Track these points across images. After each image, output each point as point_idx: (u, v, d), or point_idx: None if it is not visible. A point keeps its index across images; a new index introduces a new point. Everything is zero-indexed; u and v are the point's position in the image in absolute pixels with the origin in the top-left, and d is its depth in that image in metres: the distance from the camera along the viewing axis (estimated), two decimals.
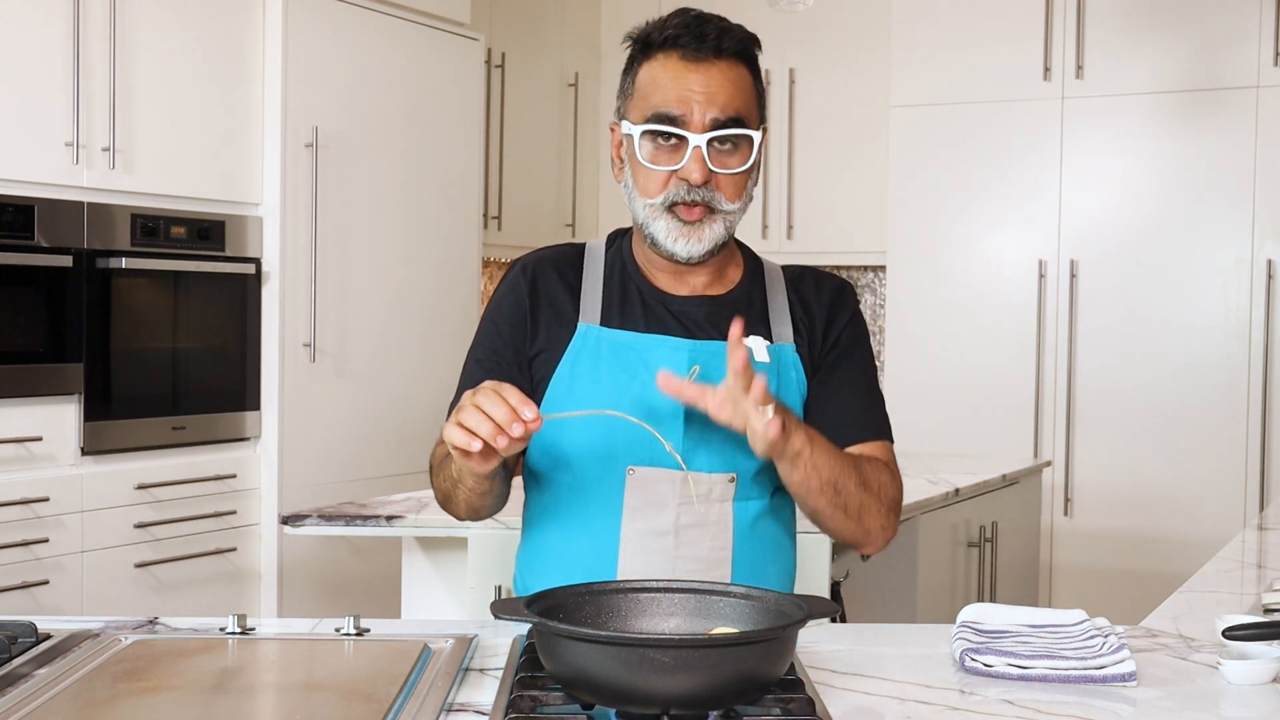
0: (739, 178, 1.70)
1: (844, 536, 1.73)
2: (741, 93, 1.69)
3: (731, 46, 1.69)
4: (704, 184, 1.66)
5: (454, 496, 1.72)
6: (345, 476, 4.25)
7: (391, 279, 4.43)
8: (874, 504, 1.70)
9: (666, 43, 1.69)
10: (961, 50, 4.94)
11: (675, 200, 1.68)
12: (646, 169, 1.68)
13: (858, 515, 1.69)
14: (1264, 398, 4.55)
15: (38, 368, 3.46)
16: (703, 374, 1.68)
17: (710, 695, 1.28)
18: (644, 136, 1.68)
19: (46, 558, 3.44)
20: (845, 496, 1.67)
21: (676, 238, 1.69)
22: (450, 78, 4.66)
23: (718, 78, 1.67)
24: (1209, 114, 4.61)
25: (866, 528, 1.71)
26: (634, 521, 1.70)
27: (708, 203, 1.68)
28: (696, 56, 1.67)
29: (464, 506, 1.73)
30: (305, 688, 1.50)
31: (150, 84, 3.70)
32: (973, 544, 3.68)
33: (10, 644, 1.52)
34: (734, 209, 1.70)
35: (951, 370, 4.98)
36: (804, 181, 5.49)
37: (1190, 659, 1.64)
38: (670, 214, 1.68)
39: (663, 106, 1.67)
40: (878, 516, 1.71)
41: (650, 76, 1.70)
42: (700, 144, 1.65)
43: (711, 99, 1.66)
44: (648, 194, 1.69)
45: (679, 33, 1.68)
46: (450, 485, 1.71)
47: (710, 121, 1.66)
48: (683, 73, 1.67)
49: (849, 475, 1.67)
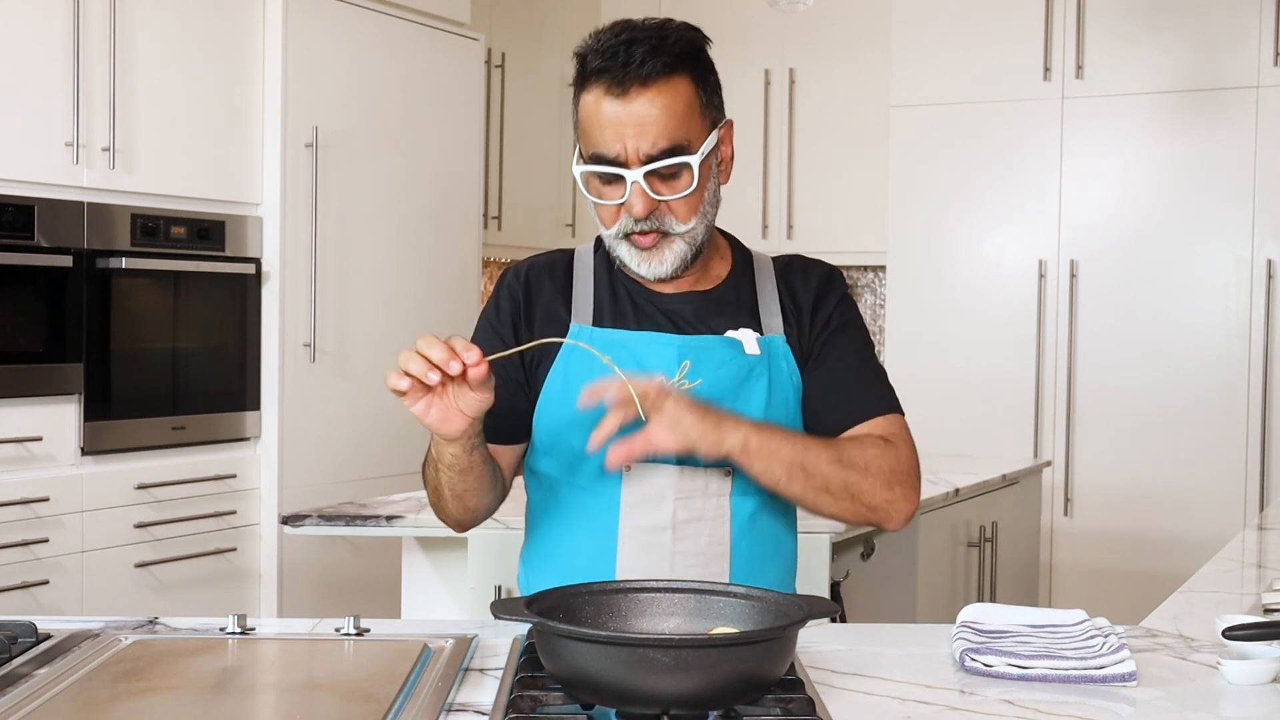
0: (688, 200, 1.68)
1: (850, 519, 1.70)
2: (675, 116, 1.64)
3: (657, 70, 1.63)
4: (650, 214, 1.66)
5: (440, 488, 1.70)
6: (345, 476, 4.25)
7: (391, 279, 4.43)
8: (864, 480, 1.66)
9: (593, 75, 1.66)
10: (961, 50, 4.94)
11: (627, 231, 1.68)
12: (598, 205, 1.71)
13: (848, 494, 1.65)
14: (1264, 398, 4.55)
15: (38, 368, 3.46)
16: (694, 368, 1.70)
17: (710, 695, 1.28)
18: (586, 177, 1.70)
19: (46, 558, 3.45)
20: (821, 477, 1.63)
21: (639, 262, 1.70)
22: (450, 78, 4.66)
23: (646, 108, 1.63)
24: (1209, 114, 4.61)
25: (870, 504, 1.67)
26: (631, 518, 1.71)
27: (659, 229, 1.68)
28: (621, 90, 1.63)
29: (451, 498, 1.70)
30: (305, 688, 1.50)
31: (150, 84, 3.70)
32: (973, 544, 3.68)
33: (10, 644, 1.52)
34: (689, 228, 1.69)
35: (951, 370, 4.98)
36: (804, 181, 5.49)
37: (1190, 659, 1.64)
38: (628, 241, 1.70)
39: (598, 146, 1.66)
40: (879, 490, 1.67)
41: (585, 113, 1.68)
42: (638, 179, 1.64)
43: (642, 132, 1.63)
44: (605, 224, 1.71)
45: (605, 64, 1.64)
46: (434, 473, 1.69)
47: (644, 156, 1.64)
48: (611, 108, 1.64)
49: (818, 455, 1.64)
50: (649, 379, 1.59)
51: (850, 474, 1.65)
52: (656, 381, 1.58)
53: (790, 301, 1.79)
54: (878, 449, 1.69)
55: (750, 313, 1.77)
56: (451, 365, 1.46)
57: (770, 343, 1.75)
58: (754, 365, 1.72)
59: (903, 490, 1.69)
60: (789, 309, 1.78)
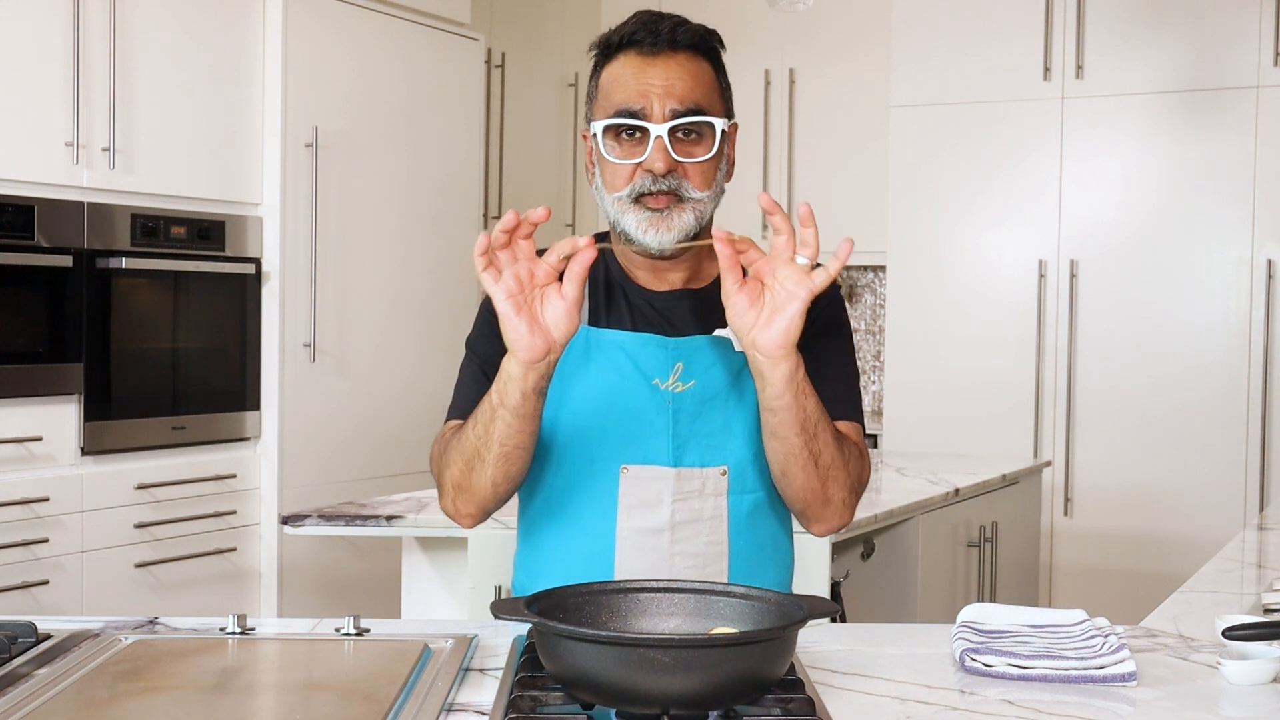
0: (706, 166, 1.70)
1: (806, 498, 1.68)
2: (701, 84, 1.71)
3: (686, 39, 1.71)
4: (669, 173, 1.67)
5: (484, 449, 1.63)
6: (345, 476, 4.26)
7: (391, 279, 4.43)
8: (842, 472, 1.67)
9: (624, 43, 1.72)
10: (961, 50, 4.94)
11: (642, 191, 1.68)
12: (612, 164, 1.70)
13: (826, 474, 1.65)
14: (1264, 398, 4.54)
15: (38, 368, 3.46)
16: (687, 369, 1.71)
17: (710, 695, 1.28)
18: (607, 132, 1.70)
19: (46, 558, 3.45)
20: (822, 445, 1.63)
21: (646, 229, 1.69)
22: (450, 78, 4.66)
23: (675, 69, 1.69)
24: (1209, 114, 4.61)
25: (829, 495, 1.67)
26: (629, 520, 1.71)
27: (675, 191, 1.68)
28: (652, 51, 1.70)
29: (497, 457, 1.63)
30: (305, 688, 1.50)
31: (150, 84, 3.71)
32: (973, 544, 3.68)
33: (10, 644, 1.52)
34: (702, 197, 1.70)
35: (952, 370, 4.98)
36: (804, 181, 5.49)
37: (1190, 659, 1.64)
38: (638, 205, 1.69)
39: (623, 102, 1.68)
40: (842, 487, 1.67)
41: (611, 77, 1.72)
42: (662, 134, 1.66)
43: (670, 90, 1.68)
44: (615, 189, 1.70)
45: (634, 29, 1.71)
46: (480, 431, 1.63)
47: (670, 112, 1.67)
48: (640, 68, 1.70)
49: (827, 428, 1.64)
50: None
51: (838, 459, 1.66)
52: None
53: None
54: (856, 455, 1.71)
55: None
56: (536, 213, 1.51)
57: None
58: (745, 361, 1.72)
59: (855, 498, 1.72)
60: None
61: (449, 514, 1.73)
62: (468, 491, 1.68)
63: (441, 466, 1.72)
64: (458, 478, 1.68)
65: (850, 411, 1.78)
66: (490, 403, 1.62)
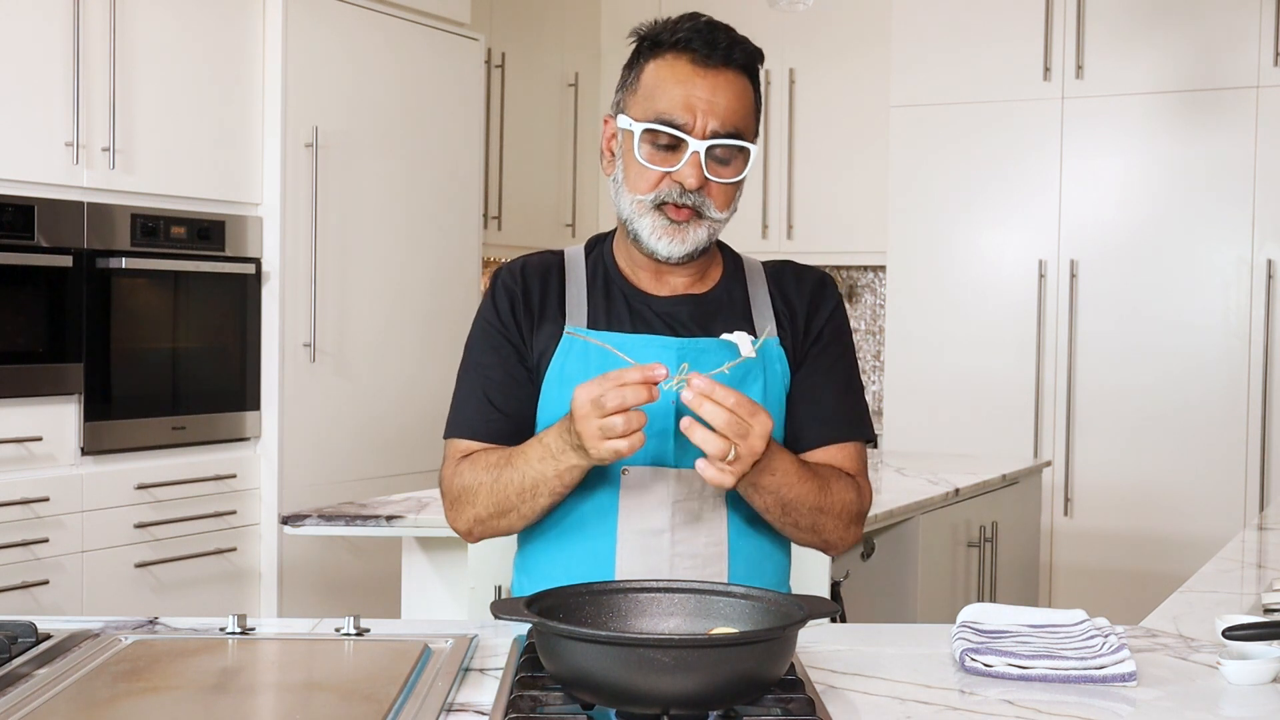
0: (730, 188, 1.71)
1: (802, 543, 1.77)
2: (744, 105, 1.71)
3: (740, 58, 1.70)
4: (697, 190, 1.67)
5: (521, 505, 1.67)
6: (345, 476, 4.26)
7: (391, 279, 4.43)
8: (830, 521, 1.72)
9: (678, 44, 1.69)
10: (961, 50, 4.94)
11: (665, 200, 1.68)
12: (641, 166, 1.69)
13: (810, 530, 1.72)
14: (1264, 398, 4.54)
15: (38, 368, 3.46)
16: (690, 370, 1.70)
17: (710, 695, 1.28)
18: (644, 135, 1.68)
19: (46, 558, 3.45)
20: (797, 517, 1.69)
21: (660, 236, 1.69)
22: (450, 78, 4.66)
23: (724, 87, 1.68)
24: (1209, 114, 4.61)
25: (824, 539, 1.75)
26: (630, 522, 1.71)
27: (697, 208, 1.69)
28: (706, 63, 1.68)
29: (529, 513, 1.69)
30: (305, 688, 1.50)
31: (150, 84, 3.71)
32: (973, 544, 3.68)
33: (10, 644, 1.52)
34: (721, 218, 1.71)
35: (951, 370, 4.98)
36: (804, 181, 5.49)
37: (1190, 659, 1.64)
38: (658, 212, 1.69)
39: (667, 109, 1.67)
40: (834, 530, 1.73)
41: (657, 75, 1.70)
42: (700, 150, 1.66)
43: (715, 108, 1.67)
44: (637, 190, 1.70)
45: (691, 36, 1.69)
46: (519, 502, 1.67)
47: (711, 130, 1.67)
48: (691, 77, 1.68)
49: (807, 497, 1.68)
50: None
51: (822, 517, 1.71)
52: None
53: (783, 305, 1.80)
54: (852, 493, 1.74)
55: (744, 316, 1.78)
56: (658, 371, 1.49)
57: (764, 344, 1.75)
58: (750, 367, 1.72)
59: (855, 528, 1.77)
60: (782, 312, 1.79)
61: (458, 533, 1.77)
62: (489, 528, 1.74)
63: (461, 499, 1.73)
64: (483, 516, 1.72)
65: (851, 431, 1.78)
66: (540, 476, 1.64)
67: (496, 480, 1.68)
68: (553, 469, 1.62)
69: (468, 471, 1.71)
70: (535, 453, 1.64)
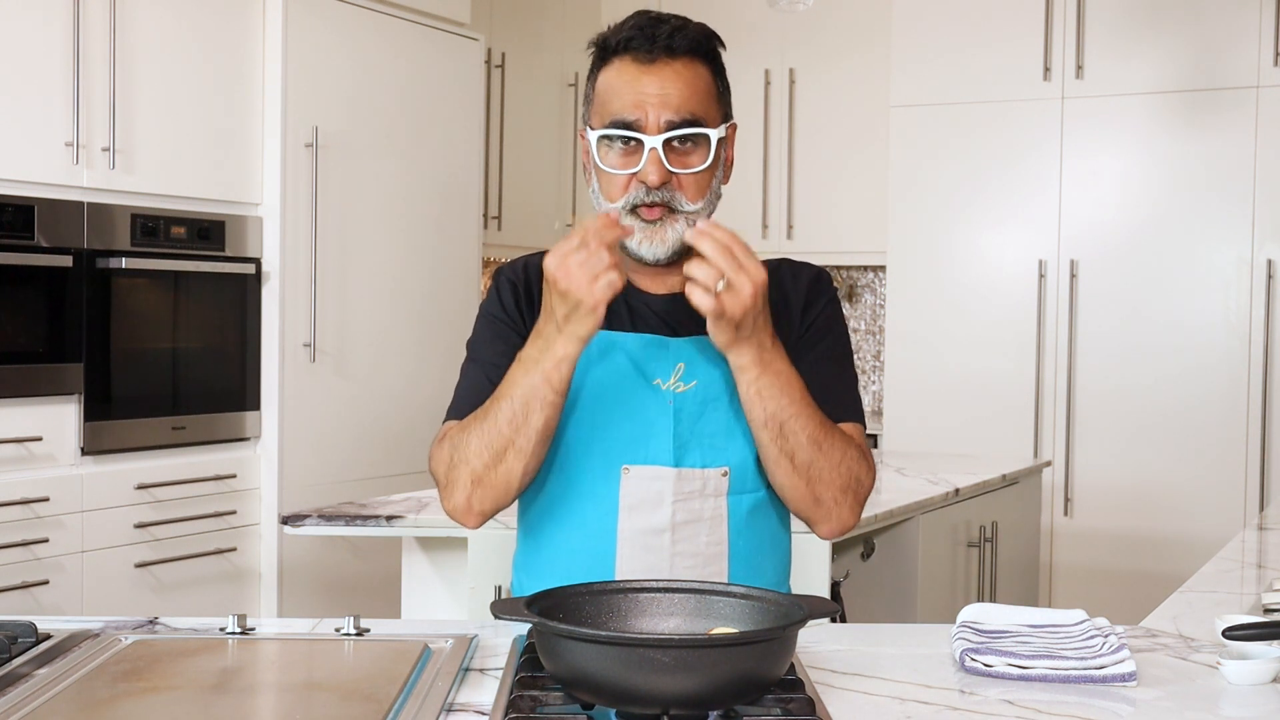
0: (700, 177, 1.69)
1: (792, 498, 1.69)
2: (697, 92, 1.69)
3: (684, 45, 1.69)
4: (662, 185, 1.67)
5: (516, 435, 1.62)
6: (345, 476, 4.26)
7: (391, 279, 4.43)
8: (830, 473, 1.66)
9: (620, 46, 1.70)
10: (961, 50, 4.94)
11: (636, 202, 1.68)
12: (608, 174, 1.70)
13: (807, 475, 1.65)
14: (1264, 398, 4.54)
15: (38, 368, 3.46)
16: (689, 370, 1.71)
17: (710, 695, 1.28)
18: (601, 142, 1.70)
19: (46, 558, 3.45)
20: (793, 444, 1.63)
21: (640, 240, 1.69)
22: (450, 78, 4.66)
23: (671, 78, 1.68)
24: (1209, 114, 4.61)
25: (816, 495, 1.67)
26: (630, 520, 1.71)
27: (668, 203, 1.68)
28: (649, 58, 1.68)
29: (531, 455, 1.63)
30: (305, 688, 1.50)
31: (150, 84, 3.71)
32: (973, 544, 3.68)
33: (10, 644, 1.52)
34: (696, 209, 1.69)
35: (951, 370, 4.98)
36: (804, 181, 5.49)
37: (1190, 659, 1.64)
38: (634, 216, 1.69)
39: (618, 111, 1.68)
40: (829, 486, 1.66)
41: (607, 82, 1.71)
42: (656, 146, 1.66)
43: (666, 100, 1.66)
44: (610, 198, 1.70)
45: (633, 35, 1.69)
46: (513, 434, 1.61)
47: (665, 123, 1.66)
48: (636, 76, 1.68)
49: (803, 425, 1.63)
50: None
51: (820, 459, 1.65)
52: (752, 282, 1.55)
53: (781, 300, 1.79)
54: (855, 453, 1.69)
55: None
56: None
57: None
58: None
59: (852, 501, 1.70)
60: (779, 307, 1.79)
61: (457, 513, 1.69)
62: (490, 486, 1.66)
63: (454, 464, 1.67)
64: (480, 471, 1.65)
65: (846, 413, 1.76)
66: (530, 389, 1.60)
67: (485, 419, 1.64)
68: (540, 374, 1.59)
69: (456, 432, 1.68)
70: (517, 372, 1.61)
